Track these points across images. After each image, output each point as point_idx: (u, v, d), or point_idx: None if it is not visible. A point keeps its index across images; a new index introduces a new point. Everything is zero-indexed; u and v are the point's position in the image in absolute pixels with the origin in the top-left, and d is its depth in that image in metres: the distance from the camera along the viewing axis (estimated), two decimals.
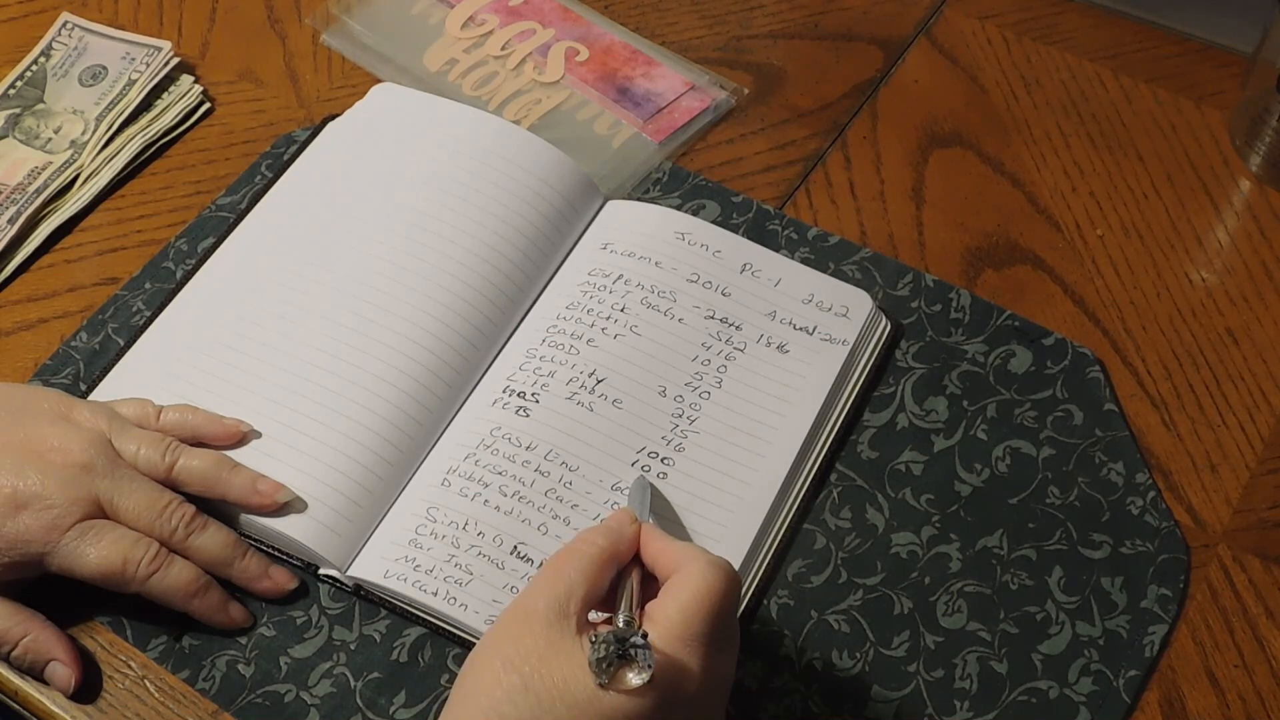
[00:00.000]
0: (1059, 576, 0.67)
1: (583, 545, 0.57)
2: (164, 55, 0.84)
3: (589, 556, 0.56)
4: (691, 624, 0.54)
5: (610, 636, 0.52)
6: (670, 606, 0.54)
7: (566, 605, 0.54)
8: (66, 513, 0.62)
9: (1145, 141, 0.84)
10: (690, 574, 0.55)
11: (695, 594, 0.54)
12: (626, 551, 0.58)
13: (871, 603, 0.66)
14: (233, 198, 0.79)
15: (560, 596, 0.54)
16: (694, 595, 0.54)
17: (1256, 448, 0.72)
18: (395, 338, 0.71)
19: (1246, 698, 0.64)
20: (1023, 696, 0.64)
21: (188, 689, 0.64)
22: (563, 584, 0.55)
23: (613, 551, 0.57)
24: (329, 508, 0.66)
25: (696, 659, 0.53)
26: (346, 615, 0.66)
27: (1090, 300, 0.77)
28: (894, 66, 0.87)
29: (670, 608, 0.54)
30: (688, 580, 0.55)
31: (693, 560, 0.56)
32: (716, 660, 0.54)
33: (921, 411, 0.72)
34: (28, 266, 0.77)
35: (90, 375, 0.72)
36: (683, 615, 0.54)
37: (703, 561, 0.55)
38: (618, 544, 0.57)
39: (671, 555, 0.57)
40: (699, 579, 0.55)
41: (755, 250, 0.76)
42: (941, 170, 0.82)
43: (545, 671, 0.52)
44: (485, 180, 0.76)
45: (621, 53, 0.87)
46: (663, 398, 0.70)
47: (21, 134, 0.82)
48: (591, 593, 0.55)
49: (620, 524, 0.58)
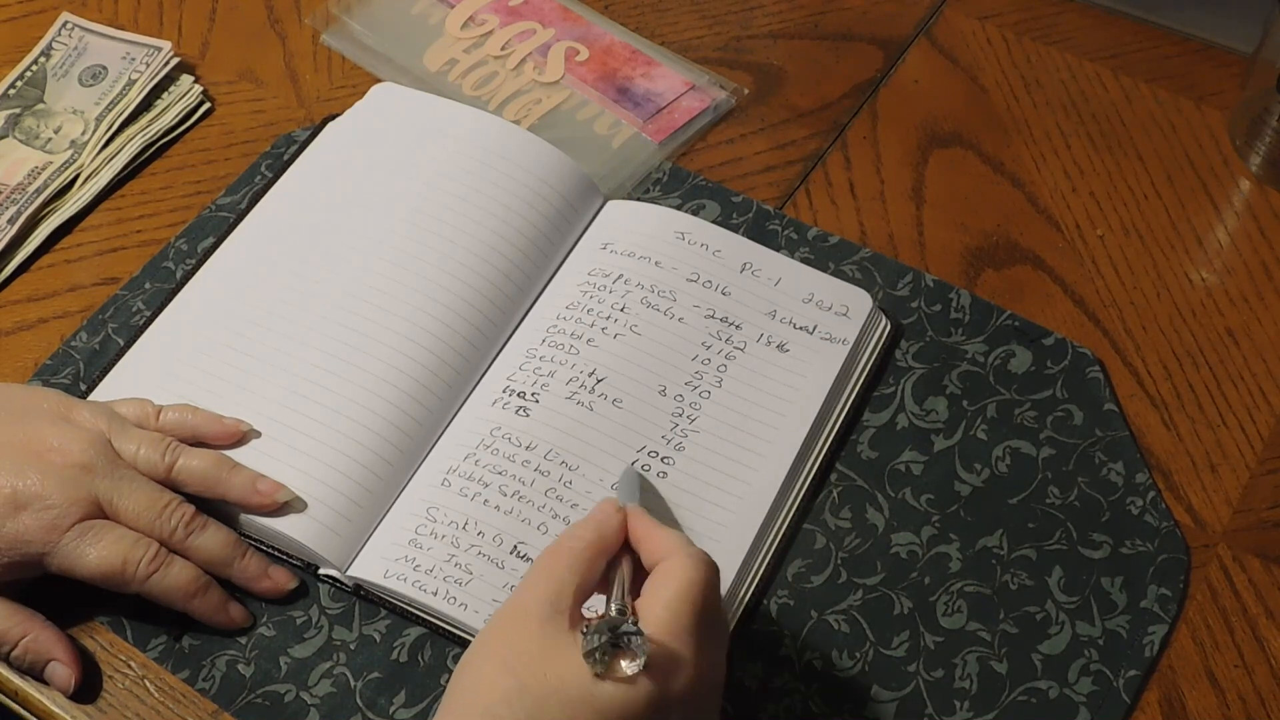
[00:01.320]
0: (1059, 576, 0.67)
1: (570, 541, 0.57)
2: (164, 55, 0.84)
3: (576, 552, 0.56)
4: (680, 617, 0.54)
5: (602, 626, 0.52)
6: (656, 602, 0.54)
7: (559, 602, 0.54)
8: (66, 513, 0.62)
9: (1145, 141, 0.84)
10: (672, 567, 0.55)
11: (680, 587, 0.54)
12: (614, 541, 0.58)
13: (871, 603, 0.66)
14: (233, 198, 0.79)
15: (552, 594, 0.54)
16: (678, 589, 0.54)
17: (1256, 448, 0.72)
18: (395, 337, 0.71)
19: (1246, 698, 0.64)
20: (1023, 696, 0.64)
21: (188, 689, 0.64)
22: (554, 582, 0.55)
23: (600, 543, 0.57)
24: (329, 508, 0.66)
25: (688, 651, 0.53)
26: (346, 615, 0.66)
27: (1090, 300, 0.77)
28: (894, 66, 0.87)
29: (656, 603, 0.54)
30: (670, 573, 0.55)
31: (674, 552, 0.56)
32: (708, 651, 0.55)
33: (921, 411, 0.72)
34: (28, 266, 0.77)
35: (90, 375, 0.72)
36: (670, 610, 0.54)
37: (683, 554, 0.56)
38: (604, 535, 0.57)
39: (656, 541, 0.57)
40: (681, 572, 0.55)
41: (755, 250, 0.76)
42: (941, 170, 0.82)
43: (541, 672, 0.52)
44: (485, 180, 0.76)
45: (621, 53, 0.87)
46: (663, 397, 0.70)
47: (21, 134, 0.82)
48: (583, 587, 0.55)
49: (605, 515, 0.59)
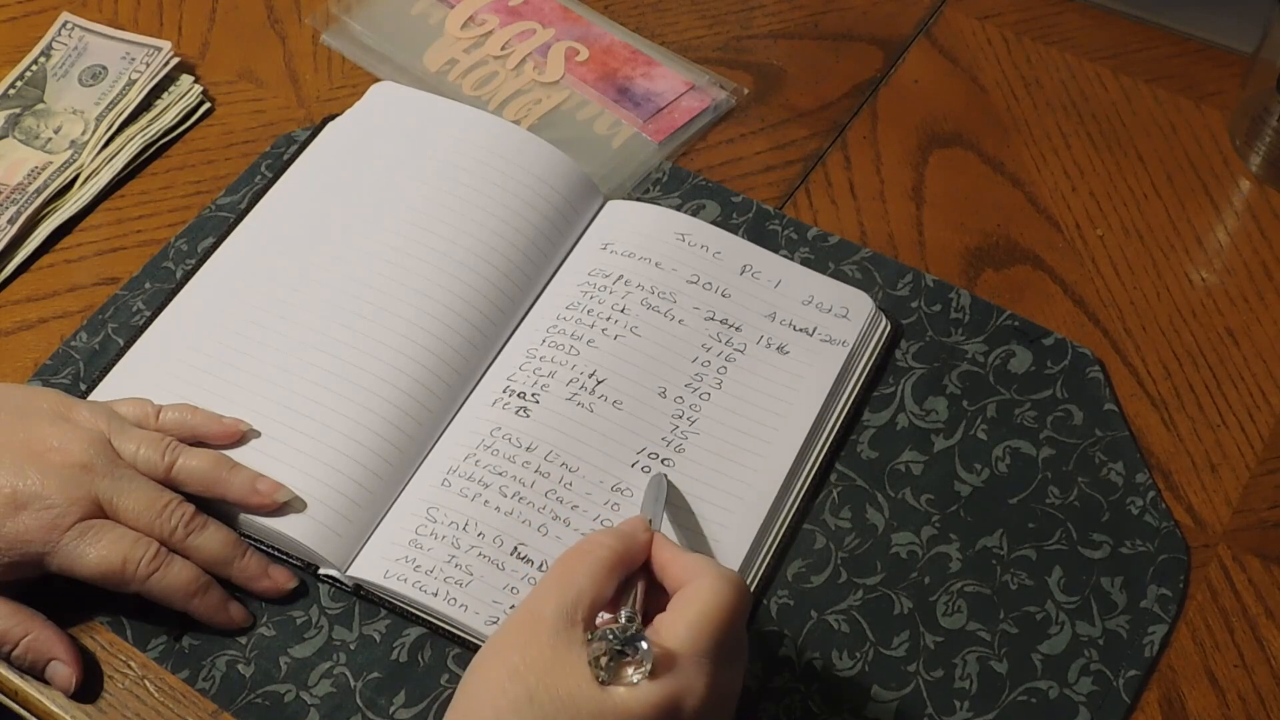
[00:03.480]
0: (1059, 576, 0.67)
1: (594, 548, 0.56)
2: (164, 55, 0.84)
3: (600, 560, 0.55)
4: (700, 639, 0.53)
5: (607, 633, 0.52)
6: (679, 620, 0.53)
7: (574, 612, 0.53)
8: (66, 513, 0.62)
9: (1145, 141, 0.84)
10: (700, 588, 0.54)
11: (704, 608, 0.53)
12: (638, 558, 0.57)
13: (871, 603, 0.66)
14: (233, 198, 0.79)
15: (568, 602, 0.53)
16: (703, 610, 0.53)
17: (1256, 448, 0.72)
18: (395, 337, 0.71)
19: (1246, 698, 0.64)
20: (1022, 696, 0.64)
21: (188, 689, 0.64)
22: (572, 589, 0.54)
23: (624, 556, 0.56)
24: (329, 508, 0.66)
25: (703, 675, 0.53)
26: (346, 615, 0.66)
27: (1090, 300, 0.77)
28: (894, 66, 0.87)
29: (678, 622, 0.53)
30: (697, 594, 0.54)
31: (702, 574, 0.55)
32: (724, 676, 0.54)
33: (921, 411, 0.72)
34: (28, 266, 0.77)
35: (90, 375, 0.72)
36: (690, 630, 0.53)
37: (713, 575, 0.54)
38: (630, 549, 0.56)
39: (681, 565, 0.56)
40: (709, 593, 0.54)
41: (755, 252, 0.76)
42: (941, 170, 0.82)
43: (550, 682, 0.51)
44: (485, 180, 0.76)
45: (621, 53, 0.87)
46: (663, 399, 0.70)
47: (21, 134, 0.82)
48: (599, 598, 0.54)
49: (634, 530, 0.58)
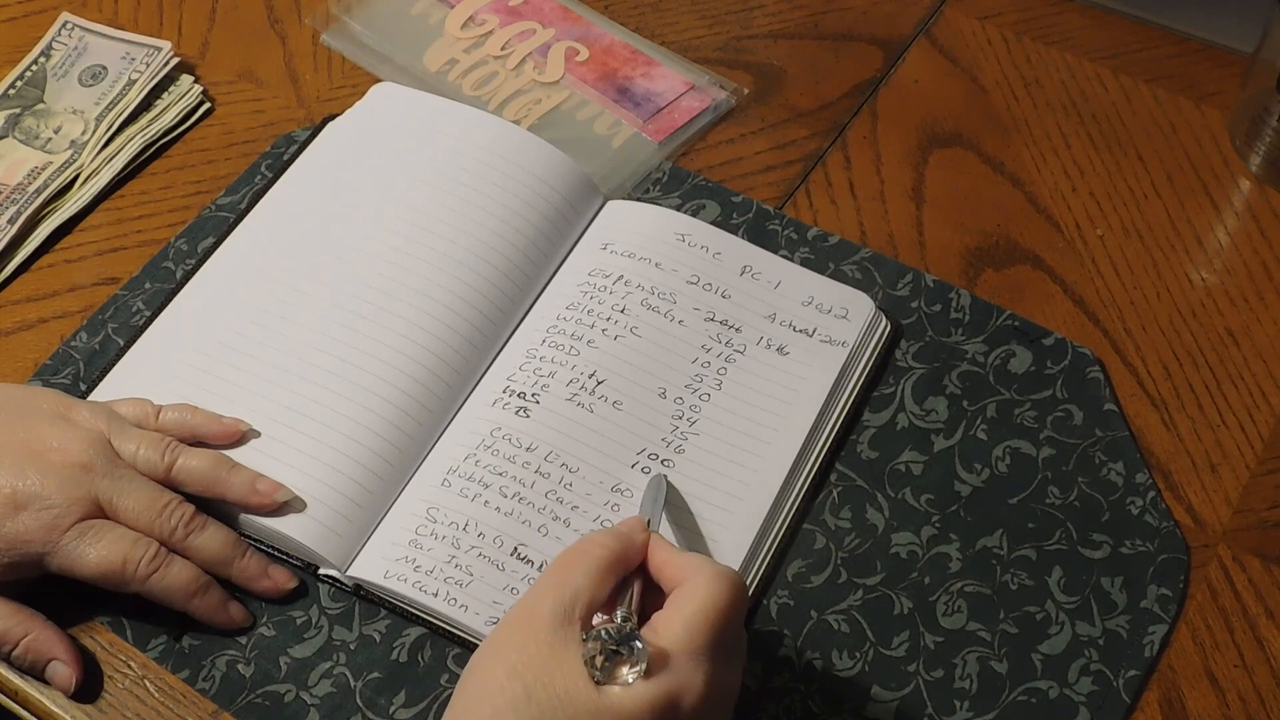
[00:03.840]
0: (1059, 576, 0.67)
1: (592, 547, 0.56)
2: (164, 55, 0.84)
3: (598, 559, 0.55)
4: (696, 636, 0.53)
5: (601, 633, 0.52)
6: (675, 618, 0.53)
7: (572, 611, 0.53)
8: (66, 513, 0.62)
9: (1145, 141, 0.84)
10: (696, 585, 0.54)
11: (701, 605, 0.53)
12: (634, 559, 0.57)
13: (871, 603, 0.66)
14: (233, 198, 0.79)
15: (566, 601, 0.53)
16: (700, 607, 0.53)
17: (1256, 448, 0.72)
18: (395, 337, 0.71)
19: (1246, 698, 0.64)
20: (1022, 696, 0.64)
21: (188, 689, 0.64)
22: (569, 588, 0.54)
23: (622, 557, 0.56)
24: (329, 508, 0.66)
25: (700, 673, 0.53)
26: (346, 615, 0.66)
27: (1090, 300, 0.77)
28: (894, 66, 0.87)
29: (675, 620, 0.53)
30: (694, 592, 0.54)
31: (699, 571, 0.55)
32: (721, 673, 0.54)
33: (921, 411, 0.72)
34: (28, 266, 0.77)
35: (90, 375, 0.72)
36: (687, 627, 0.53)
37: (709, 572, 0.55)
38: (627, 550, 0.57)
39: (678, 565, 0.56)
40: (705, 591, 0.54)
41: (755, 252, 0.76)
42: (941, 170, 0.82)
43: (548, 681, 0.51)
44: (485, 180, 0.76)
45: (621, 53, 0.87)
46: (663, 399, 0.70)
47: (21, 134, 0.82)
48: (596, 598, 0.55)
49: (631, 530, 0.58)
